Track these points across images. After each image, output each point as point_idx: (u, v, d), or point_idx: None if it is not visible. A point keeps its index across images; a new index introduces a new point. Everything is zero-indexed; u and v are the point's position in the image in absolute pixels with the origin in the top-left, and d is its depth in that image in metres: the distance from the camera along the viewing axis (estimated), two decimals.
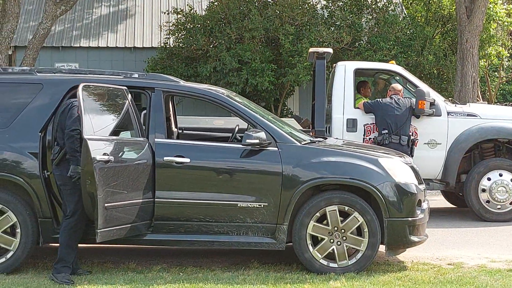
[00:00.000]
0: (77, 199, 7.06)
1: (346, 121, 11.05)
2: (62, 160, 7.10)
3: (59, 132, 7.18)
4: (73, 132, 6.98)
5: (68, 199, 7.13)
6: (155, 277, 7.29)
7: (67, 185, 7.09)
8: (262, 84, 17.96)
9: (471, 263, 8.05)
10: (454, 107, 11.27)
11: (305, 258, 7.44)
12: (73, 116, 7.03)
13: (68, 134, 7.01)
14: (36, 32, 16.85)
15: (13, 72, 8.16)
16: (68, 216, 7.12)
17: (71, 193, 7.10)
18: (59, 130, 7.18)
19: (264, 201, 7.40)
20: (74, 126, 6.98)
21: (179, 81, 8.06)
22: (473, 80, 16.84)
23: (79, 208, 7.08)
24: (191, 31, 19.13)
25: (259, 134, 7.38)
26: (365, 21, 19.59)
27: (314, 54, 11.50)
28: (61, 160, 7.10)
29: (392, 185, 7.46)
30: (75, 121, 6.98)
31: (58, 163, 7.12)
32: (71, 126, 7.01)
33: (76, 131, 6.96)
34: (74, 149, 6.97)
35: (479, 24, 16.87)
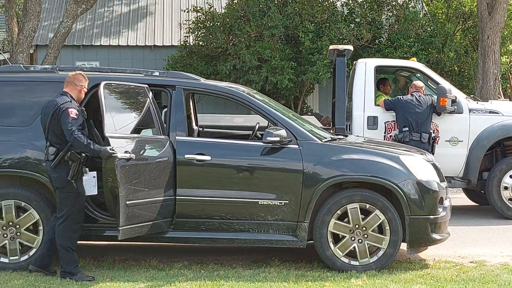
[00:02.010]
0: (73, 201, 7.00)
1: (367, 118, 11.02)
2: (61, 162, 6.97)
3: (52, 135, 7.01)
4: (75, 135, 6.83)
5: (63, 202, 7.01)
6: (177, 274, 7.31)
7: (65, 188, 6.98)
8: (282, 82, 17.94)
9: (494, 261, 8.00)
10: (476, 104, 11.20)
11: (326, 256, 7.43)
12: (66, 123, 6.88)
13: (71, 141, 6.87)
14: (57, 31, 16.96)
15: (35, 70, 8.23)
16: (62, 219, 7.00)
17: (67, 196, 7.00)
18: (51, 132, 7.01)
19: (285, 198, 7.39)
20: (73, 132, 6.84)
21: (199, 79, 8.08)
22: (494, 77, 16.72)
23: (74, 211, 7.01)
24: (210, 29, 19.15)
25: (280, 132, 7.38)
26: (385, 18, 19.51)
27: (335, 51, 11.47)
28: (59, 162, 6.97)
29: (413, 183, 7.43)
30: (71, 125, 6.85)
31: (56, 166, 6.99)
32: (69, 134, 6.86)
33: (76, 131, 6.84)
34: (85, 146, 6.85)
35: (500, 20, 16.74)
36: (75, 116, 6.93)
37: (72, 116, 6.91)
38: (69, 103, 7.01)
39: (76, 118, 6.93)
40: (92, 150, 6.89)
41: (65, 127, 6.90)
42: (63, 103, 6.99)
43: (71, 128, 6.85)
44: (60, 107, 6.97)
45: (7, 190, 7.52)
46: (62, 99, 7.05)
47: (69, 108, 6.95)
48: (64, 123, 6.90)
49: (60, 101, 7.02)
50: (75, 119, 6.91)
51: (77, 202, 7.04)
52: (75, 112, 6.96)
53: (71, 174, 6.93)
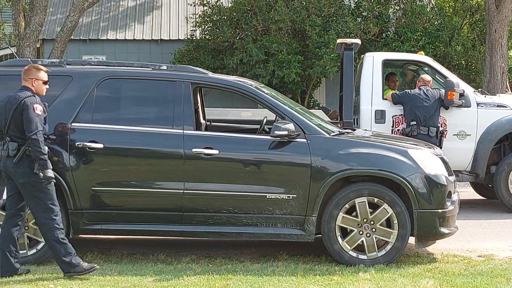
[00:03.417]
0: (48, 195, 6.81)
1: (375, 112, 11.00)
2: (23, 157, 6.76)
3: (13, 129, 6.80)
4: (36, 136, 6.68)
5: (37, 196, 6.80)
6: (185, 268, 7.32)
7: (32, 182, 6.77)
8: (289, 76, 17.91)
9: (502, 255, 7.98)
10: (484, 98, 11.17)
11: (334, 249, 7.42)
12: (30, 118, 6.71)
13: (31, 139, 6.68)
14: (64, 25, 16.96)
15: (42, 64, 8.21)
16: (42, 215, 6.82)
17: (36, 190, 6.80)
18: (12, 126, 6.80)
19: (293, 192, 7.39)
20: (37, 129, 6.69)
21: (207, 72, 8.07)
22: (502, 70, 16.66)
23: (49, 204, 6.81)
24: (217, 23, 19.12)
25: (287, 126, 7.36)
26: (392, 11, 19.46)
27: (342, 45, 11.45)
28: (22, 158, 6.76)
29: (422, 177, 7.41)
30: (33, 123, 6.69)
31: (19, 161, 6.76)
32: (32, 129, 6.69)
33: (39, 133, 6.70)
34: (41, 153, 6.67)
35: (508, 14, 16.66)
36: (39, 113, 6.77)
37: (37, 113, 6.74)
38: (33, 97, 6.83)
39: (40, 114, 6.78)
40: (41, 160, 6.68)
41: (28, 123, 6.71)
42: (26, 97, 6.80)
43: (35, 129, 6.67)
44: (24, 100, 6.78)
45: None
46: (24, 94, 6.85)
47: (34, 103, 6.78)
48: (28, 119, 6.71)
49: (23, 95, 6.82)
50: (39, 116, 6.75)
51: (50, 193, 6.83)
52: (40, 109, 6.80)
53: (36, 167, 6.72)
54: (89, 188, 7.46)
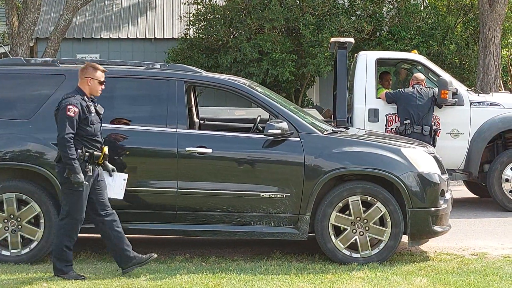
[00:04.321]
0: (73, 201, 6.73)
1: (368, 111, 11.02)
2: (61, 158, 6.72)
3: None
4: (64, 140, 6.58)
5: (64, 199, 6.80)
6: (178, 267, 7.32)
7: (65, 184, 6.74)
8: (283, 75, 17.91)
9: (495, 253, 8.00)
10: (477, 96, 11.20)
11: (327, 248, 7.43)
12: (62, 119, 6.64)
13: (59, 141, 6.62)
14: (58, 24, 16.93)
15: (36, 63, 8.22)
16: (63, 216, 6.80)
17: (67, 193, 6.75)
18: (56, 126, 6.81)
19: (286, 191, 7.39)
20: (64, 131, 6.59)
21: (201, 71, 8.07)
22: (495, 69, 16.69)
23: (72, 212, 6.75)
24: (211, 21, 19.12)
25: (281, 125, 7.37)
26: (386, 10, 19.48)
27: (336, 44, 11.46)
28: (60, 158, 6.72)
29: (415, 175, 7.43)
30: (64, 125, 6.60)
31: (58, 161, 6.76)
32: (61, 132, 6.62)
33: (69, 135, 6.60)
34: (68, 157, 6.57)
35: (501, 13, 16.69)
36: (72, 114, 6.63)
37: (69, 114, 6.62)
38: (71, 98, 6.74)
39: (72, 116, 6.63)
40: (68, 165, 6.59)
41: (58, 125, 6.69)
42: (65, 98, 6.77)
43: (62, 133, 6.59)
44: (61, 102, 6.78)
45: (8, 183, 7.51)
46: (67, 94, 6.83)
47: (68, 105, 6.67)
48: (59, 121, 6.69)
49: (64, 96, 6.82)
50: (70, 118, 6.62)
51: (78, 200, 6.73)
52: (73, 110, 6.64)
53: (67, 171, 6.64)
54: None
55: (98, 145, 6.86)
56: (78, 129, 6.71)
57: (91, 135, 6.79)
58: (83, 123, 6.75)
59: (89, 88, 6.91)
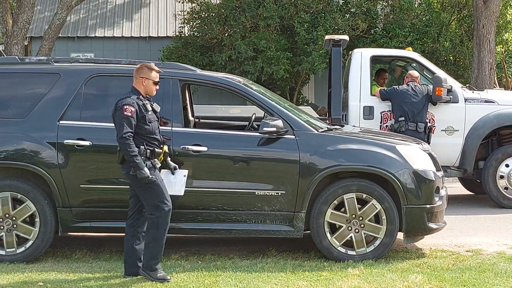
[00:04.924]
0: (154, 195, 6.64)
1: (363, 108, 11.02)
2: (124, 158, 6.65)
3: None
4: (123, 139, 6.55)
5: (144, 197, 6.69)
6: (174, 265, 7.32)
7: (135, 182, 6.65)
8: (278, 73, 17.92)
9: (490, 250, 8.02)
10: (472, 93, 11.20)
11: (323, 245, 7.44)
12: (120, 119, 6.59)
13: (119, 141, 6.58)
14: (52, 23, 16.91)
15: (30, 62, 8.21)
16: (151, 215, 6.68)
17: (145, 189, 6.65)
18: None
19: (281, 189, 7.40)
20: (123, 131, 6.55)
21: (195, 69, 8.07)
22: (489, 66, 16.72)
23: (158, 204, 6.64)
24: (205, 19, 19.11)
25: (276, 122, 7.37)
26: (380, 8, 19.49)
27: (330, 41, 11.47)
28: (123, 159, 6.65)
29: (410, 172, 7.44)
30: (122, 124, 6.55)
31: (121, 162, 6.68)
32: (120, 132, 6.58)
33: (127, 134, 6.55)
34: (130, 155, 6.53)
35: (495, 10, 16.72)
36: (129, 114, 6.56)
37: (126, 114, 6.56)
38: (127, 98, 6.67)
39: (129, 115, 6.57)
40: (131, 162, 6.53)
41: (116, 126, 6.62)
42: (122, 99, 6.69)
43: (121, 132, 6.54)
44: (117, 103, 6.69)
45: (4, 182, 7.50)
46: (125, 95, 6.75)
47: (125, 105, 6.61)
48: (117, 121, 6.63)
49: (121, 98, 6.73)
50: (127, 118, 6.56)
51: (159, 191, 6.66)
52: (130, 110, 6.58)
53: (133, 169, 6.58)
54: (78, 185, 7.45)
55: (157, 143, 6.81)
56: (136, 128, 6.66)
57: (149, 133, 6.75)
58: (141, 122, 6.69)
59: (144, 88, 6.85)
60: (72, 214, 7.48)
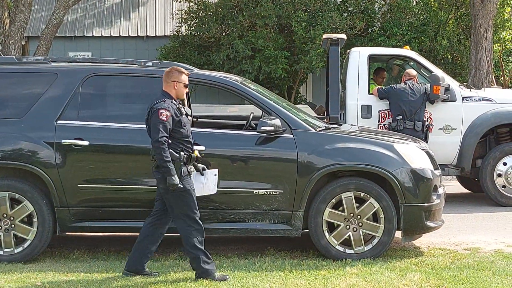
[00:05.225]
0: (185, 202, 6.62)
1: (361, 107, 11.03)
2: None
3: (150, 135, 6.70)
4: (158, 143, 6.48)
5: (171, 203, 6.66)
6: (172, 264, 7.32)
7: (166, 188, 6.58)
8: (275, 72, 17.92)
9: (488, 248, 8.03)
10: (469, 92, 11.22)
11: (321, 244, 7.44)
12: (155, 123, 6.53)
13: (154, 145, 6.52)
14: (49, 22, 16.89)
15: (27, 62, 8.20)
16: (178, 220, 6.68)
17: (174, 196, 6.61)
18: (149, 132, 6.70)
19: (279, 188, 7.40)
20: (158, 135, 6.49)
21: (193, 69, 8.06)
22: (487, 64, 16.73)
23: (188, 212, 6.64)
24: (203, 19, 19.11)
25: (274, 121, 7.37)
26: (378, 6, 19.49)
27: (328, 40, 11.46)
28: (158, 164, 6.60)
29: (407, 171, 7.45)
30: (158, 129, 6.50)
31: (157, 166, 6.61)
32: (155, 136, 6.51)
33: (163, 138, 6.50)
34: (163, 160, 6.47)
35: (493, 8, 16.73)
36: (164, 118, 6.51)
37: (161, 118, 6.50)
38: (161, 103, 6.61)
39: (165, 120, 6.51)
40: (163, 168, 6.49)
41: (153, 130, 6.55)
42: (156, 103, 6.63)
43: (156, 136, 6.48)
44: (152, 107, 6.63)
45: (1, 182, 7.49)
46: (158, 99, 6.68)
47: (160, 109, 6.55)
48: (153, 125, 6.55)
49: (154, 102, 6.66)
50: (163, 122, 6.51)
51: (187, 200, 6.63)
52: (165, 114, 6.53)
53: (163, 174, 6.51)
54: (75, 185, 7.45)
55: (191, 146, 6.78)
56: (172, 132, 6.61)
57: (185, 137, 6.72)
58: (177, 125, 6.65)
59: (175, 91, 6.81)
60: (70, 214, 7.48)
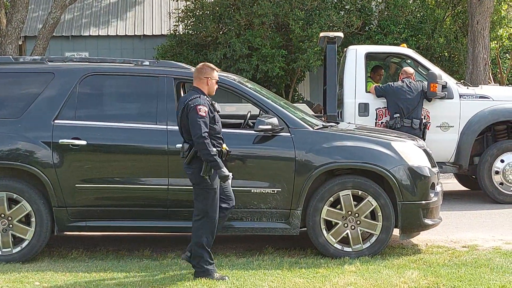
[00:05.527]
0: (209, 200, 6.65)
1: (358, 105, 11.03)
2: (194, 158, 6.62)
3: (184, 132, 6.72)
4: (202, 138, 6.51)
5: (198, 199, 6.68)
6: (170, 263, 7.32)
7: (200, 184, 6.63)
8: (273, 70, 17.90)
9: (486, 245, 8.03)
10: (466, 89, 11.22)
11: (319, 242, 7.45)
12: (195, 120, 6.55)
13: (197, 142, 6.52)
14: (46, 22, 16.86)
15: (24, 61, 8.19)
16: (199, 216, 6.68)
17: (202, 193, 6.65)
18: (183, 129, 6.72)
19: (277, 186, 7.40)
20: (202, 131, 6.52)
21: (190, 68, 8.06)
22: (484, 62, 16.71)
23: (209, 210, 6.65)
24: (200, 17, 19.08)
25: (271, 120, 7.37)
26: (375, 4, 19.47)
27: (325, 38, 11.47)
28: (192, 159, 6.62)
29: (405, 169, 7.45)
30: (199, 125, 6.53)
31: (189, 162, 6.66)
32: (197, 132, 6.53)
33: (206, 133, 6.53)
34: (210, 155, 6.50)
35: (490, 5, 16.72)
36: (203, 114, 6.55)
37: (201, 114, 6.53)
38: (197, 99, 6.63)
39: (204, 115, 6.55)
40: (211, 162, 6.53)
41: (192, 126, 6.56)
42: (191, 99, 6.63)
43: (199, 132, 6.50)
44: (188, 103, 6.62)
45: None
46: (190, 95, 6.70)
47: (198, 105, 6.57)
48: (191, 122, 6.57)
49: (188, 97, 6.68)
50: (203, 118, 6.55)
51: (213, 199, 6.67)
52: (204, 110, 6.57)
53: (203, 170, 6.55)
54: (73, 185, 7.45)
55: (222, 142, 6.82)
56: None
57: (217, 133, 6.76)
58: (211, 122, 6.69)
59: (208, 88, 6.84)
60: (68, 214, 7.48)
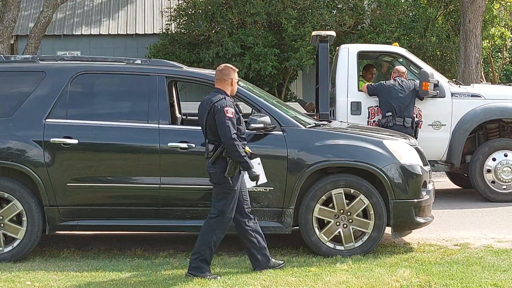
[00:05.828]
0: (228, 201, 6.67)
1: (350, 104, 11.04)
2: (218, 158, 6.63)
3: (209, 133, 6.70)
4: (231, 139, 6.53)
5: (218, 198, 6.70)
6: (162, 262, 7.31)
7: (222, 184, 6.66)
8: (265, 69, 17.90)
9: (477, 244, 8.05)
10: (458, 88, 11.25)
11: (311, 241, 7.45)
12: (222, 123, 6.56)
13: (227, 143, 6.55)
14: (38, 21, 16.81)
15: (15, 60, 8.17)
16: (215, 215, 6.70)
17: (223, 193, 6.67)
18: (208, 130, 6.70)
19: (270, 185, 7.39)
20: (231, 132, 6.54)
21: (182, 66, 8.06)
22: (476, 61, 16.74)
23: (226, 211, 6.67)
24: (192, 16, 19.06)
25: (263, 119, 7.36)
26: (367, 3, 19.49)
27: (317, 37, 11.47)
28: (217, 159, 6.63)
29: (397, 167, 7.46)
30: (228, 126, 6.54)
31: (214, 162, 6.65)
32: (227, 133, 6.55)
33: (235, 134, 6.55)
34: (240, 155, 6.54)
35: (482, 4, 16.76)
36: (231, 115, 6.57)
37: (229, 116, 6.56)
38: (223, 100, 6.65)
39: (232, 117, 6.58)
40: (242, 163, 6.58)
41: (221, 128, 6.56)
42: (217, 101, 6.63)
43: (229, 134, 6.52)
44: (215, 105, 6.62)
45: None
46: (216, 97, 6.69)
47: (225, 107, 6.59)
48: (220, 124, 6.57)
49: (214, 99, 6.67)
50: (231, 119, 6.57)
51: (232, 200, 6.69)
52: (231, 111, 6.60)
53: (227, 171, 6.57)
54: (65, 184, 7.43)
55: (246, 143, 6.80)
56: None
57: (242, 134, 6.75)
58: (237, 123, 6.69)
59: (231, 89, 6.86)
60: (59, 213, 7.46)
